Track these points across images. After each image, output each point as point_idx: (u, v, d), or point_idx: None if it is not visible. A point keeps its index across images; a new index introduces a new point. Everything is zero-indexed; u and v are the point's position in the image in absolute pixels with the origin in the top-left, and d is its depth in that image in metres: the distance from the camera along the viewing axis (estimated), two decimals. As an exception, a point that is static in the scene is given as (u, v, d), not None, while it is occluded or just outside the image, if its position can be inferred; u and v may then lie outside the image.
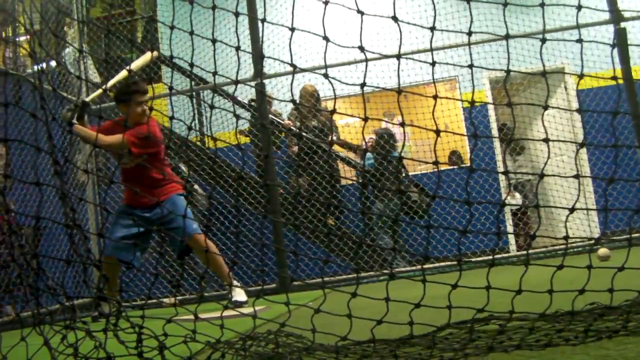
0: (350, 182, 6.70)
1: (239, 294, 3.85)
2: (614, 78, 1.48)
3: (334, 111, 1.55)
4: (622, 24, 5.23)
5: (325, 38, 1.48)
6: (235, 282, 3.97)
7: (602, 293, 1.42)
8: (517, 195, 6.95)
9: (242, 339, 1.51)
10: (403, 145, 4.98)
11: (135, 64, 4.01)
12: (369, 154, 6.13)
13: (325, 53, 1.52)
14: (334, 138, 6.47)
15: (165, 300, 5.12)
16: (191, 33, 1.57)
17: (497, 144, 6.96)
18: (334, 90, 1.63)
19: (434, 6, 1.59)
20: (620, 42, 5.15)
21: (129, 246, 3.75)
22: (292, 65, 1.52)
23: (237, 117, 1.64)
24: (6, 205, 1.36)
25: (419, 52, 5.48)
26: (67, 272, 3.97)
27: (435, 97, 1.49)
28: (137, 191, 3.67)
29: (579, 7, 1.52)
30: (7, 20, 4.90)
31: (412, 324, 1.38)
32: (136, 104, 3.72)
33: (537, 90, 7.10)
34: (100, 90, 4.16)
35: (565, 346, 1.23)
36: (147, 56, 4.10)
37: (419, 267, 5.40)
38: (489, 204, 6.54)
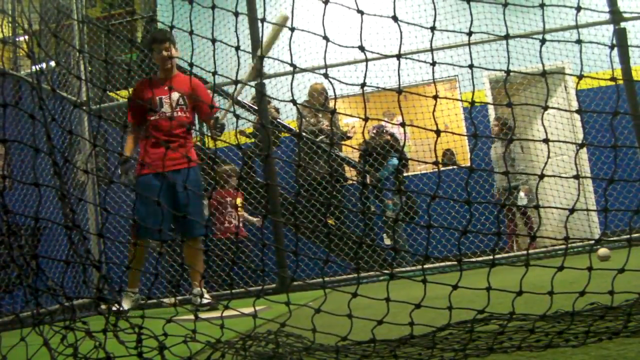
0: (351, 181, 6.70)
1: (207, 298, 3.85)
2: (613, 79, 1.47)
3: (334, 111, 1.55)
4: (622, 24, 5.23)
5: (325, 38, 1.47)
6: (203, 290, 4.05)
7: (602, 292, 1.42)
8: (522, 194, 6.94)
9: (242, 339, 1.50)
10: (404, 146, 4.98)
11: (267, 40, 3.68)
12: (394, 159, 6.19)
13: (325, 53, 1.52)
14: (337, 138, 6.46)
15: (165, 300, 5.12)
16: (190, 33, 1.56)
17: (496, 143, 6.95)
18: (334, 90, 1.63)
19: (434, 6, 1.59)
20: (620, 42, 5.15)
21: (161, 223, 3.61)
22: (292, 65, 1.51)
23: (237, 117, 1.63)
24: (5, 206, 1.35)
25: (418, 52, 5.48)
26: (66, 273, 3.95)
27: (435, 97, 1.49)
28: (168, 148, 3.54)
29: (578, 9, 1.51)
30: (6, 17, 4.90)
31: (413, 324, 1.38)
32: (156, 52, 3.97)
33: (537, 90, 7.11)
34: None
35: (566, 346, 1.23)
36: (280, 21, 3.70)
37: (419, 267, 5.40)
38: (489, 204, 6.54)
